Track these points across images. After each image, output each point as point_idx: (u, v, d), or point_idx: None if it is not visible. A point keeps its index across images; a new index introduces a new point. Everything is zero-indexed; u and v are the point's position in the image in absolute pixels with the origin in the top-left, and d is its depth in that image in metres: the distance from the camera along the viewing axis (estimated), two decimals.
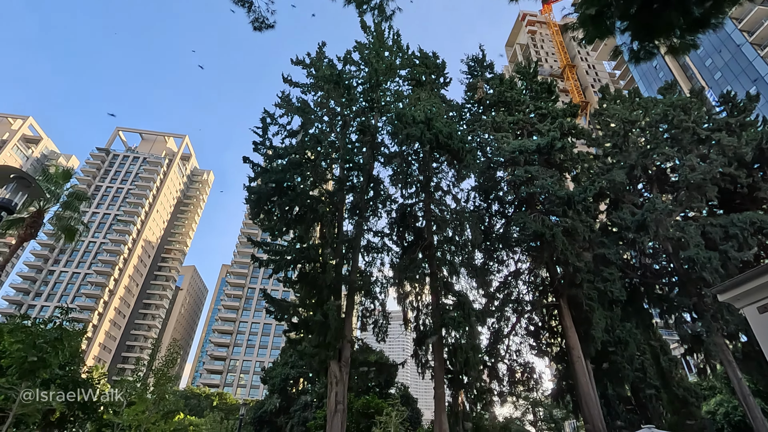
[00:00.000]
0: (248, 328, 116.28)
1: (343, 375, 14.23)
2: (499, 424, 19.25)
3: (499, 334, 19.76)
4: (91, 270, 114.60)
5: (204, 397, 71.48)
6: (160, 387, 11.88)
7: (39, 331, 7.05)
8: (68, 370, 9.11)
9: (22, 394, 6.27)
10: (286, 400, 36.13)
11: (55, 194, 20.12)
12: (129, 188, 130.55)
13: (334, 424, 13.36)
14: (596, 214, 21.25)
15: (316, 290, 15.05)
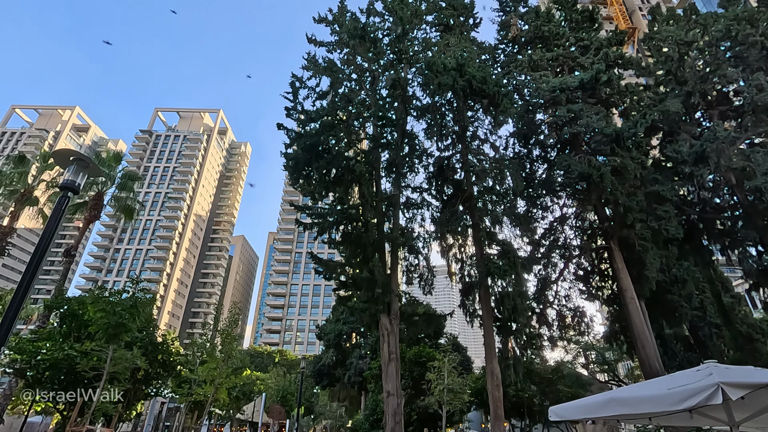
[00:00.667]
0: (299, 289, 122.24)
1: (394, 327, 14.77)
2: (550, 367, 19.50)
3: (546, 281, 19.55)
4: (151, 246, 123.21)
5: (266, 355, 77.15)
6: (227, 346, 12.94)
7: (116, 301, 7.76)
8: (145, 333, 10.01)
9: (111, 354, 7.01)
10: (341, 354, 38.26)
11: (110, 177, 21.43)
12: (174, 166, 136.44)
13: (389, 371, 14.05)
14: (648, 150, 19.90)
15: (360, 249, 15.41)
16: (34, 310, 35.11)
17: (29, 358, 8.54)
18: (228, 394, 21.74)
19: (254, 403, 36.92)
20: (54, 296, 9.77)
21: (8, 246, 20.70)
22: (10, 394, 15.89)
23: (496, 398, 13.74)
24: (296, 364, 66.72)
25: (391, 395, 13.69)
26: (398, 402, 13.65)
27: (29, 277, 4.37)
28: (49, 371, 8.25)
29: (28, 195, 21.27)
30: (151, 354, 9.74)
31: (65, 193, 4.96)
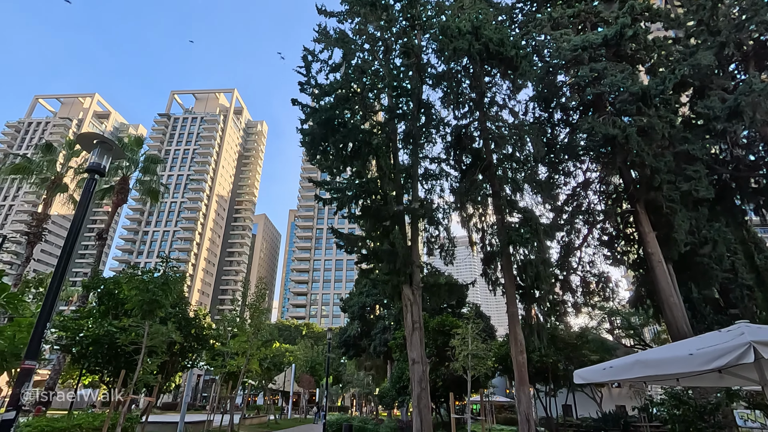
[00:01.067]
0: (322, 264, 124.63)
1: (416, 297, 14.95)
2: (574, 333, 19.50)
3: (569, 247, 19.30)
4: (177, 227, 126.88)
5: (294, 328, 79.72)
6: (255, 319, 13.41)
7: (148, 278, 8.08)
8: (178, 309, 10.41)
9: (147, 329, 7.35)
10: (366, 325, 39.16)
11: (133, 161, 21.93)
12: (194, 148, 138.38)
13: (413, 340, 14.33)
14: (677, 108, 18.97)
15: (380, 222, 15.47)
16: (73, 291, 37.01)
17: (73, 335, 9.07)
18: (259, 365, 22.67)
19: (285, 373, 38.53)
20: (90, 277, 10.24)
21: (44, 232, 21.69)
22: (60, 369, 16.99)
23: (520, 364, 13.90)
24: (323, 336, 68.86)
25: (416, 363, 14.01)
26: (423, 369, 13.98)
27: (66, 257, 4.57)
28: (92, 346, 8.75)
29: (58, 182, 22.05)
30: (185, 328, 10.18)
31: (92, 175, 5.11)
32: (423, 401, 13.56)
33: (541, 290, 14.85)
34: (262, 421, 30.06)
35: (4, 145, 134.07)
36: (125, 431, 8.20)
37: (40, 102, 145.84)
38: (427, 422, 13.32)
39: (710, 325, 19.56)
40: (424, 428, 13.15)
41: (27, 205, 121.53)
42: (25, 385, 4.16)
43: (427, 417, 13.39)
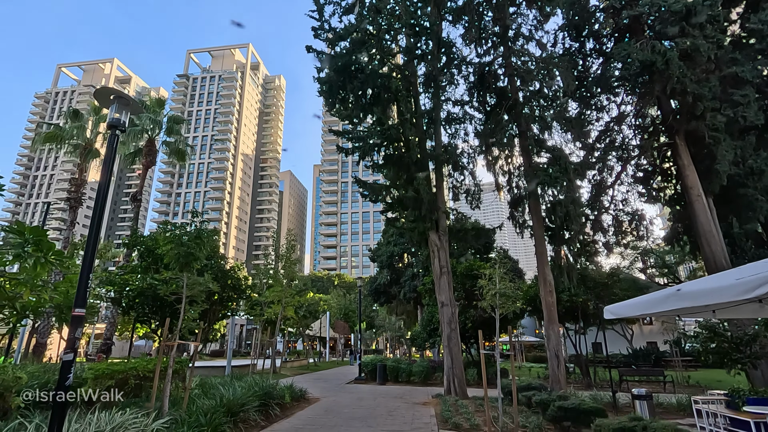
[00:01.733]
0: (349, 217, 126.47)
1: (443, 242, 15.01)
2: (605, 272, 19.29)
3: (601, 186, 18.62)
4: (207, 188, 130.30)
5: (326, 279, 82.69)
6: (288, 269, 13.91)
7: (182, 232, 8.37)
8: (214, 262, 10.84)
9: (186, 280, 7.69)
10: (395, 273, 40.14)
11: (157, 122, 22.16)
12: (215, 108, 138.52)
13: (441, 284, 14.57)
14: (725, 26, 17.17)
15: (403, 169, 15.27)
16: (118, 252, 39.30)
17: (120, 289, 9.69)
18: (295, 312, 23.78)
19: (320, 320, 40.52)
20: (130, 236, 10.74)
21: (84, 197, 22.70)
22: (114, 321, 18.39)
23: (549, 303, 13.99)
24: (354, 285, 71.25)
25: (445, 305, 14.33)
26: (452, 311, 14.30)
27: (99, 208, 4.73)
28: (137, 299, 9.33)
29: (89, 148, 22.71)
30: (222, 279, 10.64)
31: (113, 131, 5.15)
32: (453, 341, 14.00)
33: (570, 231, 14.56)
34: (302, 364, 32.15)
35: (36, 117, 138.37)
36: (176, 373, 8.89)
37: (63, 71, 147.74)
38: (458, 360, 13.83)
39: (751, 259, 18.84)
40: (455, 366, 13.68)
41: (66, 173, 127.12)
42: (78, 331, 4.47)
43: (457, 355, 13.89)
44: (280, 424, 8.96)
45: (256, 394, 9.29)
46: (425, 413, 10.59)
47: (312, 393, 13.91)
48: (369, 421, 9.47)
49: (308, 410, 10.92)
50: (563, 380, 13.31)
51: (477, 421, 9.17)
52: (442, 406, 11.02)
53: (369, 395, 14.29)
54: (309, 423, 9.10)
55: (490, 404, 11.40)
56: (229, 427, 7.58)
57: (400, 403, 12.29)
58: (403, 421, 9.50)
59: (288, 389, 11.61)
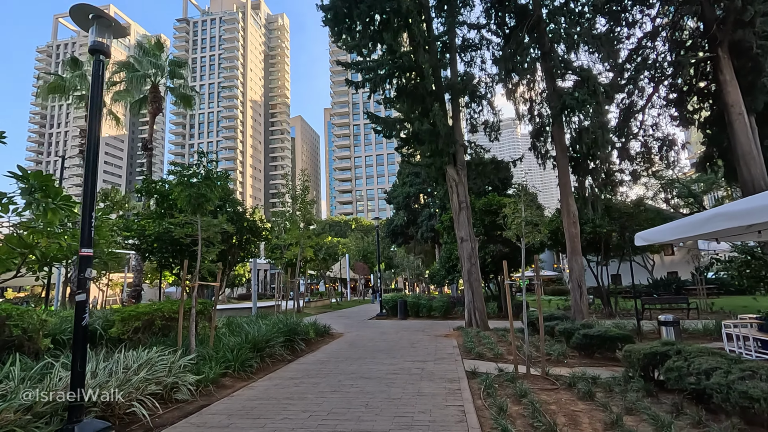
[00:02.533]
0: (363, 161, 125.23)
1: (461, 177, 14.46)
2: (630, 202, 18.58)
3: (630, 110, 17.40)
4: (219, 137, 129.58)
5: (343, 223, 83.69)
6: (303, 210, 13.74)
7: (190, 173, 8.06)
8: (228, 204, 10.64)
9: (200, 222, 7.49)
10: (411, 214, 40.08)
11: (158, 66, 21.28)
12: (219, 53, 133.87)
13: (460, 220, 14.25)
14: None
15: (418, 101, 14.40)
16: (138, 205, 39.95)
17: (138, 235, 9.64)
18: (314, 254, 24.09)
19: (340, 262, 41.40)
20: (143, 183, 10.54)
21: None
22: (141, 269, 18.90)
23: (572, 235, 13.59)
24: (371, 228, 72.02)
25: (464, 241, 14.10)
26: (472, 246, 14.09)
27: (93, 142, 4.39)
28: (155, 243, 9.27)
29: None
30: (238, 222, 10.49)
31: (97, 57, 4.65)
32: (473, 275, 13.93)
33: (597, 158, 13.77)
34: (325, 304, 33.30)
35: (40, 72, 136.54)
36: (202, 313, 9.01)
37: (60, 22, 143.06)
38: (479, 294, 13.84)
39: None
40: (476, 299, 13.71)
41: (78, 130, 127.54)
42: (88, 271, 4.30)
43: (478, 289, 13.88)
44: (306, 357, 9.16)
45: (281, 330, 9.45)
46: (448, 344, 10.73)
47: (336, 329, 14.28)
48: (393, 352, 9.62)
49: (333, 344, 11.19)
50: (585, 310, 13.25)
51: (500, 351, 9.21)
52: (465, 338, 11.14)
53: (391, 329, 14.61)
54: (334, 356, 9.29)
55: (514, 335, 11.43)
56: (256, 362, 7.74)
57: (422, 336, 12.50)
58: (426, 352, 9.62)
59: (312, 326, 11.86)
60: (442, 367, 7.79)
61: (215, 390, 6.32)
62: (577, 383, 6.03)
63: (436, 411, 5.09)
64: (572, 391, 5.86)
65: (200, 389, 6.13)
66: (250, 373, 7.28)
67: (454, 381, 6.64)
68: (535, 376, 6.83)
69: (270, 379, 7.15)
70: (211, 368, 6.67)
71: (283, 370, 7.88)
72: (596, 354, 8.96)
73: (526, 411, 4.90)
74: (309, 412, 5.18)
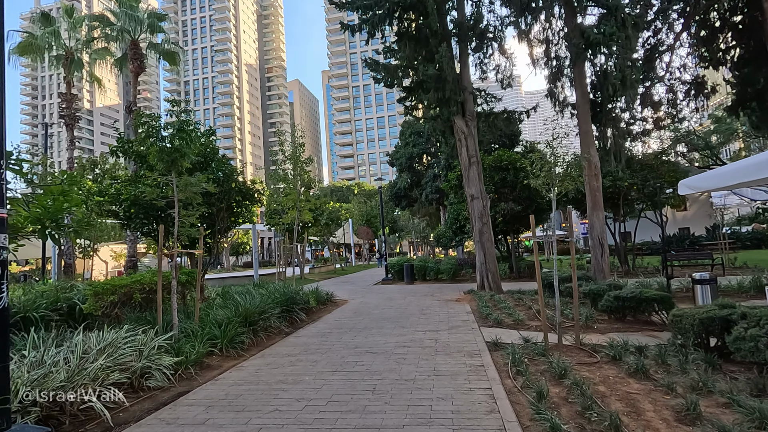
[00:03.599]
0: (364, 124, 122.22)
1: (471, 129, 13.16)
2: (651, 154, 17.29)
3: (655, 50, 15.77)
4: (215, 104, 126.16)
5: (346, 188, 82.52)
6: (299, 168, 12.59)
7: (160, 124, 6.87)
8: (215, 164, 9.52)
9: (175, 181, 6.37)
10: (415, 176, 38.75)
11: (136, 19, 19.52)
12: (210, 14, 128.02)
13: (470, 176, 13.08)
14: None
15: (422, 44, 12.87)
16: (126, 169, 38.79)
17: (112, 200, 8.58)
18: (315, 219, 23.19)
19: (343, 228, 40.57)
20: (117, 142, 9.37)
21: (77, 114, 21.17)
22: (134, 238, 18.01)
23: (594, 188, 12.42)
24: (374, 193, 70.82)
25: (475, 198, 12.99)
26: (483, 204, 12.99)
27: None
28: (133, 208, 8.22)
29: (71, 57, 20.55)
30: (225, 183, 9.39)
31: None
32: (485, 235, 12.92)
33: (626, 97, 12.35)
34: (329, 270, 32.73)
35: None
36: (184, 285, 8.09)
37: None
38: (491, 255, 12.88)
39: None
40: (488, 260, 12.76)
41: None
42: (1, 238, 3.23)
43: (490, 250, 12.91)
44: (305, 329, 8.32)
45: (277, 300, 8.57)
46: (460, 310, 9.86)
47: (339, 296, 13.49)
48: (401, 321, 8.75)
49: (336, 313, 10.36)
50: (607, 269, 12.30)
51: (520, 316, 8.31)
52: (478, 302, 10.26)
53: (398, 295, 13.80)
54: (336, 326, 8.44)
55: (530, 297, 10.60)
56: (249, 337, 6.87)
57: (432, 301, 11.66)
58: (438, 319, 8.75)
59: (313, 294, 11.01)
60: (458, 338, 6.90)
61: (198, 372, 5.46)
62: (623, 355, 5.09)
63: (459, 397, 4.17)
64: (618, 366, 4.93)
65: (180, 372, 5.26)
66: (241, 350, 6.42)
67: (474, 355, 5.74)
68: (568, 347, 5.91)
69: (263, 356, 6.28)
70: (193, 347, 5.80)
71: (279, 344, 7.03)
72: (627, 317, 8.06)
73: (571, 395, 3.97)
74: (304, 400, 4.28)
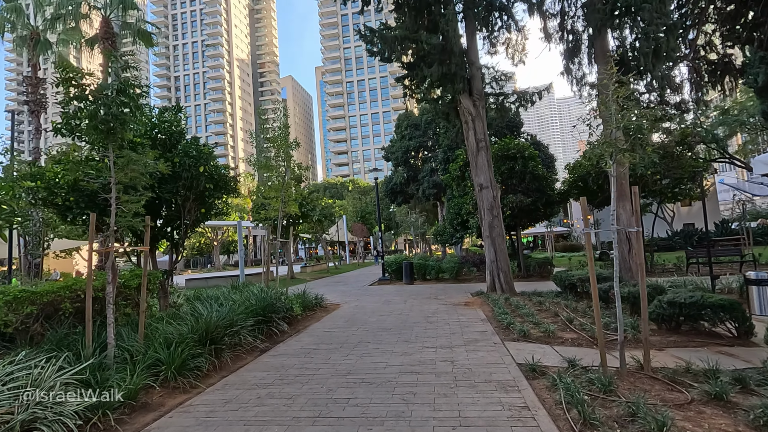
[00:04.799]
0: (358, 120, 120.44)
1: (479, 109, 11.61)
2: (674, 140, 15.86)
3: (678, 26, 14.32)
4: (207, 99, 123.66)
5: (340, 185, 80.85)
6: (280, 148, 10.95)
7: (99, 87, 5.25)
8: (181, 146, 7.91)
9: (113, 157, 4.76)
10: (411, 171, 37.18)
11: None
12: (200, 8, 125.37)
13: (478, 163, 11.54)
14: None
15: (422, 12, 11.30)
16: None
17: (47, 185, 6.93)
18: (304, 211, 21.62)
19: (337, 224, 38.93)
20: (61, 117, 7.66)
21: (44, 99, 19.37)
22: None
23: (620, 174, 10.90)
24: (369, 189, 69.18)
25: (484, 188, 11.46)
26: (494, 194, 11.47)
27: None
28: (71, 195, 6.58)
29: (36, 38, 18.74)
30: (193, 167, 7.75)
31: None
32: (496, 230, 11.39)
33: (660, 64, 10.84)
34: (322, 269, 31.11)
35: None
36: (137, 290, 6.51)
37: None
38: (503, 252, 11.36)
39: None
40: (500, 258, 11.24)
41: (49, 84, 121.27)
42: None
43: (501, 246, 11.39)
44: (286, 344, 6.74)
45: (251, 309, 6.98)
46: (473, 317, 8.32)
47: (330, 299, 11.93)
48: (404, 332, 7.19)
49: (326, 321, 8.78)
50: (636, 268, 10.78)
51: (550, 326, 6.77)
52: (493, 307, 8.73)
53: (397, 297, 12.24)
54: (325, 340, 6.87)
55: (551, 301, 8.94)
56: (208, 359, 5.28)
57: (437, 305, 10.12)
58: (449, 330, 7.21)
59: (298, 298, 9.43)
60: (480, 358, 5.36)
61: (127, 418, 3.87)
62: (727, 392, 3.57)
63: None
64: (726, 410, 3.40)
65: (97, 420, 3.67)
66: (195, 379, 4.82)
67: (509, 388, 4.19)
68: (634, 373, 4.39)
69: (223, 388, 4.70)
70: (123, 379, 4.20)
71: (248, 368, 5.44)
72: (682, 327, 6.59)
73: None
74: None
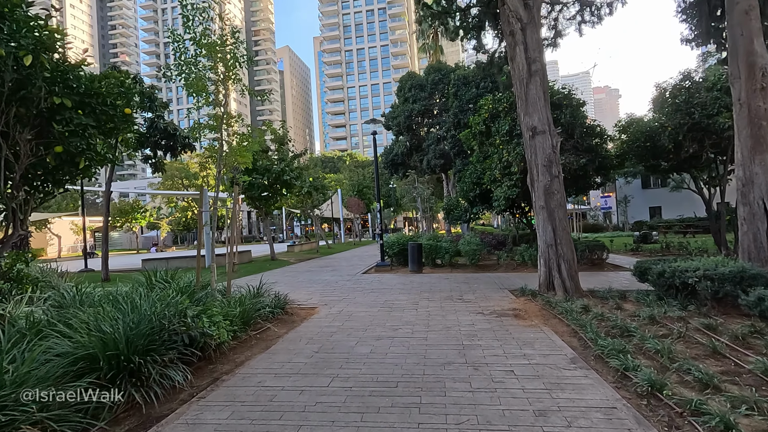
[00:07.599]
0: (357, 91, 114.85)
1: (532, 12, 7.58)
2: None
3: None
4: None
5: (337, 159, 76.54)
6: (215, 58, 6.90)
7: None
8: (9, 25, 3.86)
9: None
10: (415, 138, 33.01)
11: None
12: None
13: (530, 95, 7.59)
14: None
15: None
16: None
17: None
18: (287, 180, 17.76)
19: (330, 200, 35.00)
20: None
21: None
22: None
23: (758, 113, 6.96)
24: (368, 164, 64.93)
25: (539, 133, 7.55)
26: (553, 143, 7.57)
27: None
28: None
29: None
30: (61, 81, 3.73)
31: None
32: (556, 197, 7.52)
33: None
34: (312, 248, 27.35)
35: None
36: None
37: None
38: (565, 232, 7.51)
39: None
40: (562, 242, 7.40)
41: None
42: None
43: (563, 222, 7.54)
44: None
45: (113, 342, 3.17)
46: (546, 345, 4.55)
47: (305, 297, 8.20)
48: (429, 402, 3.42)
49: (274, 356, 4.94)
50: None
51: (712, 373, 3.00)
52: (573, 325, 4.98)
53: (403, 297, 8.41)
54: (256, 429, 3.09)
55: (625, 308, 5.21)
56: None
57: (471, 316, 6.34)
58: (523, 394, 3.44)
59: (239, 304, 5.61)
60: None
61: None
62: None
63: None
64: None
65: None
66: None
67: None
68: None
69: None
70: None
71: None
72: None
73: None
74: None
